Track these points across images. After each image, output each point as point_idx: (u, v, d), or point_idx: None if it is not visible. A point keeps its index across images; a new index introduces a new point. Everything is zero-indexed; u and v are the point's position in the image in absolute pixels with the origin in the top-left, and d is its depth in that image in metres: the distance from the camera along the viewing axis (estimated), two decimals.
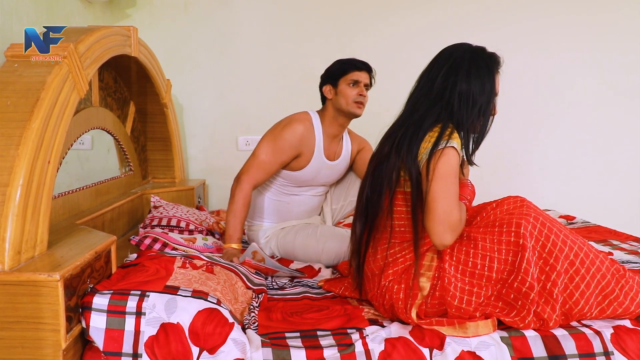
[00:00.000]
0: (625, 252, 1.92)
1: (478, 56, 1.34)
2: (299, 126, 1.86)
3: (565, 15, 2.94)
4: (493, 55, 1.38)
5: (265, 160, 1.84)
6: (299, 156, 1.88)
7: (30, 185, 1.15)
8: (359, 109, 1.89)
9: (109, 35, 1.65)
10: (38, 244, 1.18)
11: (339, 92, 1.89)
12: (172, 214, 2.03)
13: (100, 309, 1.14)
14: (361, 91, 1.88)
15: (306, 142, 1.88)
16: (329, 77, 1.93)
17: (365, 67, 1.91)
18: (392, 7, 2.86)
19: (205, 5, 2.78)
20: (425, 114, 1.29)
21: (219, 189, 2.92)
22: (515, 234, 1.21)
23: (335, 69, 1.92)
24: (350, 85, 1.87)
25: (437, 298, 1.23)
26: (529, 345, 1.17)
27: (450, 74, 1.30)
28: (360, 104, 1.88)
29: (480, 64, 1.32)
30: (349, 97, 1.87)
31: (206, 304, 1.18)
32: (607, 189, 3.08)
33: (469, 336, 1.18)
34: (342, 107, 1.88)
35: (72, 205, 1.71)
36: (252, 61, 2.84)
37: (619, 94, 3.01)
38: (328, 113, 1.94)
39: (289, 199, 1.98)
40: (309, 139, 1.89)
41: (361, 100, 1.88)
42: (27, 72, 1.28)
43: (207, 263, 1.43)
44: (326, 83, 1.93)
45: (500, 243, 1.22)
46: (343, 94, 1.88)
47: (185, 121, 2.88)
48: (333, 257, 1.83)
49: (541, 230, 1.22)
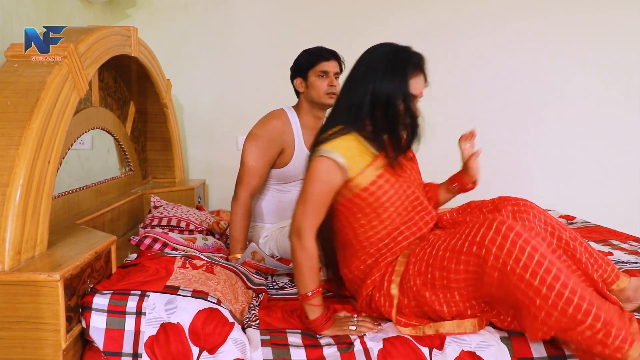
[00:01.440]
0: (626, 252, 1.92)
1: (396, 56, 1.28)
2: (275, 121, 1.86)
3: (564, 16, 2.93)
4: (413, 55, 1.31)
5: (254, 165, 1.83)
6: (282, 152, 1.87)
7: (30, 185, 1.15)
8: (332, 99, 1.85)
9: (109, 35, 1.65)
10: (38, 244, 1.18)
11: (310, 84, 1.87)
12: (172, 214, 2.04)
13: (101, 308, 1.14)
14: (331, 81, 1.85)
15: (286, 136, 1.87)
16: (298, 69, 1.91)
17: (333, 55, 1.89)
18: (391, 8, 2.86)
19: (205, 5, 2.78)
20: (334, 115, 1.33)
21: (219, 189, 2.92)
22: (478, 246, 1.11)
23: (302, 61, 1.90)
24: (320, 77, 1.85)
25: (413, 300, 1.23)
26: (529, 346, 1.16)
27: (368, 74, 1.26)
28: (332, 94, 1.85)
29: (397, 65, 1.26)
30: (320, 89, 1.85)
31: (206, 303, 1.19)
32: (607, 188, 3.07)
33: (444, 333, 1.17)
34: (315, 99, 1.87)
35: (72, 205, 1.71)
36: (252, 61, 2.84)
37: (619, 94, 3.01)
38: (303, 106, 1.93)
39: (284, 197, 1.96)
40: (288, 133, 1.88)
41: (333, 91, 1.85)
42: (27, 72, 1.28)
43: (207, 263, 1.43)
44: (296, 76, 1.92)
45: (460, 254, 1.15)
46: (314, 86, 1.86)
47: (185, 121, 2.88)
48: None
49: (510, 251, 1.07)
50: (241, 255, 1.75)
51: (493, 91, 2.98)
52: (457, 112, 2.98)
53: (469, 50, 2.94)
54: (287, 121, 1.90)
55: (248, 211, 1.83)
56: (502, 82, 2.98)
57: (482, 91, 2.97)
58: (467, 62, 2.95)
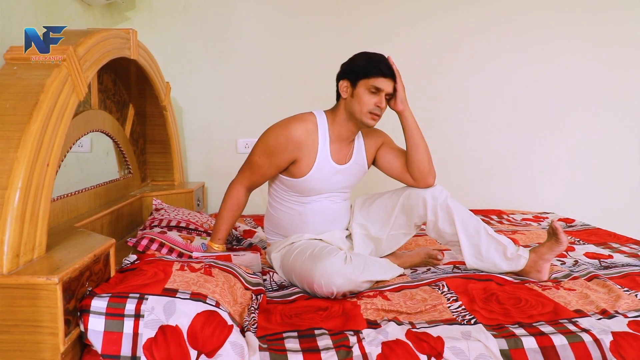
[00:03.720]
0: (625, 254, 1.92)
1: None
2: (297, 128, 1.64)
3: (567, 27, 2.95)
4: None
5: (257, 161, 1.68)
6: (297, 161, 1.66)
7: (29, 188, 1.15)
8: (373, 121, 1.65)
9: (108, 38, 1.65)
10: (37, 247, 1.18)
11: (356, 94, 1.64)
12: (173, 217, 2.03)
13: (99, 311, 1.14)
14: (380, 102, 1.62)
15: (305, 146, 1.65)
16: (349, 72, 1.66)
17: (392, 74, 1.64)
18: (392, 13, 2.86)
19: (205, 8, 2.79)
20: None
21: (218, 192, 2.91)
22: None
23: (358, 65, 1.65)
24: (370, 92, 1.62)
25: None
26: (528, 358, 1.15)
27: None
28: (375, 115, 1.64)
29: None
30: (364, 104, 1.62)
31: (205, 306, 1.18)
32: (607, 191, 3.08)
33: None
34: (355, 113, 1.65)
35: (71, 208, 1.71)
36: (251, 64, 2.84)
37: (619, 98, 3.02)
38: (339, 113, 1.70)
39: (302, 209, 1.74)
40: (310, 142, 1.66)
41: (377, 112, 1.64)
42: (26, 74, 1.28)
43: (205, 265, 1.43)
44: (344, 77, 1.68)
45: None
46: (359, 99, 1.63)
47: (185, 124, 2.88)
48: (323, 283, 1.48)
49: None
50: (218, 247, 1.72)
51: (494, 95, 2.98)
52: (459, 115, 2.99)
53: (471, 56, 2.94)
54: (313, 128, 1.67)
55: (238, 203, 1.71)
56: (503, 87, 2.98)
57: (483, 95, 2.98)
58: (469, 67, 2.95)
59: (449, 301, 1.42)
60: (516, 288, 1.51)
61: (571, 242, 2.11)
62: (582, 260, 1.86)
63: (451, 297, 1.45)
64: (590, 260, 1.86)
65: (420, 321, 1.31)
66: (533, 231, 2.29)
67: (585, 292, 1.49)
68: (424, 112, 2.96)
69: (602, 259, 1.86)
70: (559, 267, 1.74)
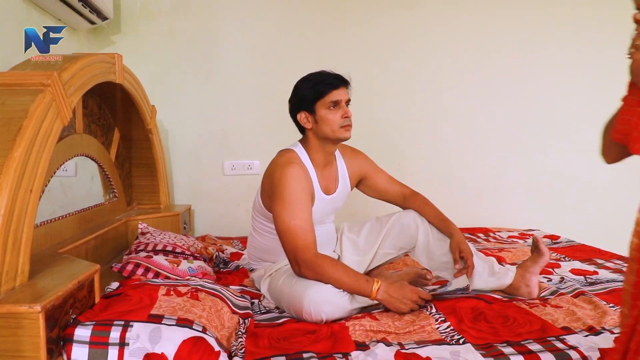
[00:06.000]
0: (610, 270, 1.94)
1: None
2: (294, 168, 1.59)
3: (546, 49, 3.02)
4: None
5: (300, 224, 1.52)
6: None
7: (12, 214, 1.14)
8: (347, 132, 1.64)
9: (94, 63, 1.65)
10: (19, 275, 1.16)
11: (319, 118, 1.63)
12: (159, 240, 2.01)
13: (83, 340, 1.12)
14: (345, 112, 1.62)
15: (309, 181, 1.64)
16: (301, 102, 1.65)
17: (342, 81, 1.64)
18: (374, 37, 2.91)
19: (191, 31, 2.81)
20: None
21: (205, 214, 2.90)
22: None
23: (306, 92, 1.64)
24: (331, 109, 1.62)
25: None
26: None
27: None
28: (347, 126, 1.63)
29: None
30: (333, 123, 1.61)
31: (191, 332, 1.17)
32: (591, 208, 3.12)
33: None
34: (329, 135, 1.63)
35: (55, 234, 1.69)
36: (237, 86, 2.86)
37: (603, 115, 3.07)
38: (312, 143, 1.69)
39: None
40: (308, 177, 1.65)
41: (348, 123, 1.63)
42: (10, 100, 1.27)
43: (192, 289, 1.42)
44: (299, 110, 1.66)
45: None
46: (325, 121, 1.62)
47: (171, 146, 2.87)
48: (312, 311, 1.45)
49: None
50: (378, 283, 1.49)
51: (480, 115, 3.03)
52: (445, 135, 3.02)
53: (457, 77, 2.99)
54: (303, 164, 1.65)
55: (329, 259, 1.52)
56: (489, 107, 3.03)
57: (467, 113, 3.02)
58: (455, 88, 3.00)
59: (437, 322, 1.42)
60: (504, 306, 1.52)
61: (557, 259, 2.13)
62: (568, 277, 1.87)
63: (439, 317, 1.45)
64: (576, 276, 1.88)
65: (409, 342, 1.31)
66: (519, 248, 2.30)
67: (572, 308, 1.50)
68: (410, 132, 3.02)
69: (588, 275, 1.88)
70: (546, 284, 1.75)
